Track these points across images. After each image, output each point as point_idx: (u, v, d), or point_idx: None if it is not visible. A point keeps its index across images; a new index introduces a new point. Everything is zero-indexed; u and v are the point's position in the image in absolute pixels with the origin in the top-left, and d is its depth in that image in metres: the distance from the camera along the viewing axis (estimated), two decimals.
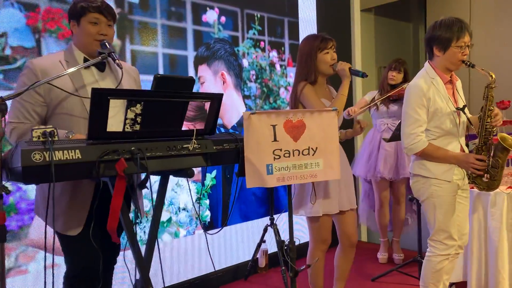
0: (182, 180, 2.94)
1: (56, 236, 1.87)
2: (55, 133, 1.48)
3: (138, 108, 1.57)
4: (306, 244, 2.59)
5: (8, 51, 2.23)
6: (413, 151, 2.27)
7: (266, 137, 1.89)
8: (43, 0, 2.34)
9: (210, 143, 1.78)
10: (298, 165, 1.97)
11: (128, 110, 1.55)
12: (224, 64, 3.22)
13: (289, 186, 2.08)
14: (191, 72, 3.03)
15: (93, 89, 1.46)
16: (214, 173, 3.15)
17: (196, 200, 3.02)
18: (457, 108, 2.26)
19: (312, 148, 1.98)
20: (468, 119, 2.28)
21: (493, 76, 2.18)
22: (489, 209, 2.57)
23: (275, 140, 1.91)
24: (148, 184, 1.67)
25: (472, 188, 2.77)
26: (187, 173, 1.75)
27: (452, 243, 2.26)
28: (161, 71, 2.85)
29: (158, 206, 1.89)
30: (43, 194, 1.84)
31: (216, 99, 1.77)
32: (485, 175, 2.23)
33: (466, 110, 2.28)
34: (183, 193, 2.93)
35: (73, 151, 1.45)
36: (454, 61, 2.23)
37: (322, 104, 2.31)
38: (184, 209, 2.96)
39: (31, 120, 1.76)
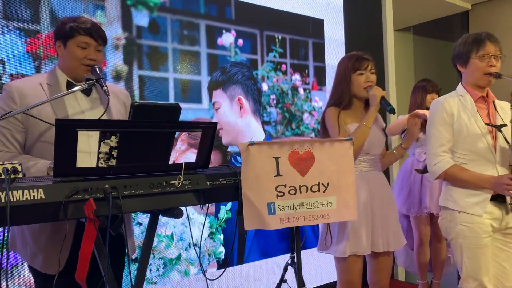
0: (193, 214, 2.73)
1: (32, 274, 1.72)
2: (19, 170, 1.33)
3: (113, 141, 1.38)
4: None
5: (5, 79, 2.14)
6: (435, 174, 1.98)
7: (268, 171, 1.64)
8: (44, 25, 2.25)
9: (203, 178, 1.56)
10: (307, 203, 1.70)
11: (102, 143, 1.37)
12: (241, 89, 3.03)
13: (297, 227, 1.81)
14: (204, 98, 2.86)
15: (58, 120, 1.28)
16: (229, 205, 2.93)
17: (209, 235, 2.79)
18: (487, 124, 1.93)
19: (323, 184, 1.71)
20: (505, 138, 1.94)
21: None
22: None
23: (278, 174, 1.66)
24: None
25: None
26: (174, 213, 1.54)
27: None
28: (171, 97, 2.70)
29: (146, 248, 1.68)
30: (21, 230, 1.70)
31: (208, 128, 1.56)
32: None
33: (507, 130, 1.95)
34: (194, 227, 2.72)
35: (35, 190, 1.27)
36: (479, 74, 1.97)
37: (344, 130, 2.08)
38: (195, 245, 2.74)
39: (11, 148, 1.63)
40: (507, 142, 1.92)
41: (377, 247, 2.11)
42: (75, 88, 1.63)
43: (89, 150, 1.62)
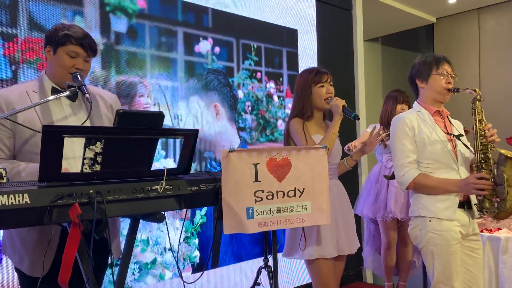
0: (168, 218, 2.77)
1: (19, 276, 1.73)
2: (3, 175, 1.35)
3: (98, 147, 1.42)
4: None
5: None
6: (405, 184, 2.09)
7: (247, 177, 1.71)
8: (22, 29, 2.25)
9: (184, 183, 1.61)
10: (283, 208, 1.78)
11: (87, 149, 1.40)
12: (217, 95, 3.09)
13: (273, 230, 1.88)
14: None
15: (44, 127, 1.31)
16: (204, 210, 2.97)
17: (184, 240, 2.83)
18: (447, 133, 2.09)
19: (298, 190, 1.80)
20: (465, 145, 2.09)
21: (477, 90, 2.06)
22: (500, 256, 2.34)
23: (256, 180, 1.73)
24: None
25: (482, 231, 2.54)
26: (156, 218, 1.58)
27: None
28: None
29: (127, 253, 1.71)
30: (10, 234, 1.71)
31: (190, 135, 1.61)
32: (494, 198, 1.98)
33: (464, 139, 2.11)
34: (169, 232, 2.75)
35: (20, 195, 1.29)
36: (439, 89, 2.12)
37: (310, 139, 2.18)
38: (170, 249, 2.77)
39: (0, 153, 1.65)
40: (468, 148, 2.07)
41: (342, 250, 2.20)
42: (59, 95, 1.65)
43: (73, 155, 1.64)
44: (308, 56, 3.77)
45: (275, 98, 3.47)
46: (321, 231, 2.15)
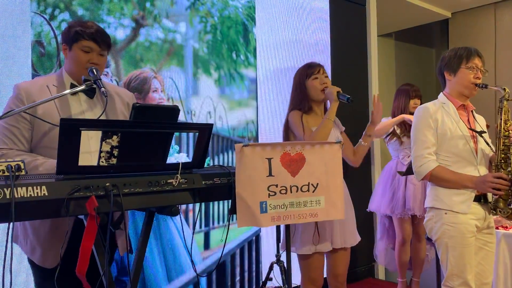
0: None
1: (31, 267, 1.76)
2: (22, 168, 1.37)
3: (114, 140, 1.43)
4: None
5: None
6: (421, 174, 2.08)
7: (260, 171, 1.72)
8: None
9: (198, 177, 1.62)
10: (296, 202, 1.78)
11: (103, 143, 1.42)
12: None
13: (287, 226, 1.89)
14: None
15: (62, 120, 1.33)
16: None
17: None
18: (471, 129, 2.07)
19: (312, 184, 1.80)
20: (487, 143, 2.08)
21: (506, 89, 2.05)
22: None
23: (270, 175, 1.73)
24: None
25: (497, 228, 2.52)
26: (171, 211, 1.60)
27: None
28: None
29: (142, 246, 1.73)
30: (23, 224, 1.74)
31: (204, 129, 1.62)
32: (509, 198, 1.97)
33: (486, 136, 2.09)
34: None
35: (38, 187, 1.31)
36: (466, 83, 2.09)
37: (309, 131, 2.19)
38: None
39: (20, 145, 1.68)
40: (489, 146, 2.06)
41: (335, 243, 2.22)
42: (75, 89, 1.67)
43: (89, 150, 1.67)
44: (321, 50, 3.75)
45: None
46: (319, 226, 2.16)
